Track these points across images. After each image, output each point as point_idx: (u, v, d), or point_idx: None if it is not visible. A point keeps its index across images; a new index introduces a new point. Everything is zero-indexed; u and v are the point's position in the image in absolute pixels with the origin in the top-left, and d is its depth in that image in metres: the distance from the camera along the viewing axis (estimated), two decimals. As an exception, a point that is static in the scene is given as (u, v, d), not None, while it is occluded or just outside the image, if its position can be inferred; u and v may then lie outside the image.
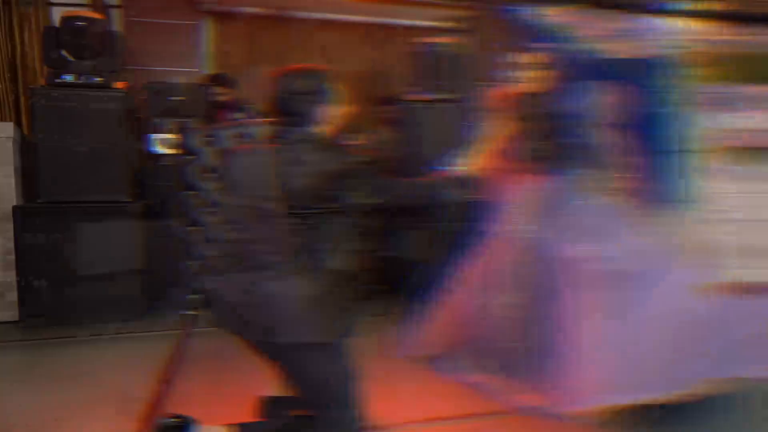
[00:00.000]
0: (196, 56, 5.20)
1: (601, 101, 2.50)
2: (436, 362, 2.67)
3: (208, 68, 5.41)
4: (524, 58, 2.66)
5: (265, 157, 1.86)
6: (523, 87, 2.67)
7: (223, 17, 5.42)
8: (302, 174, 1.79)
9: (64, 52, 3.69)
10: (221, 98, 4.69)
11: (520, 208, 2.61)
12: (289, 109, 1.85)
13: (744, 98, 3.92)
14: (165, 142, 3.80)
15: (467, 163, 2.31)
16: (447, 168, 2.27)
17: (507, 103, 2.67)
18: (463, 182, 2.24)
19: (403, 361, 2.65)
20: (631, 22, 5.57)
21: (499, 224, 2.65)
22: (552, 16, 5.22)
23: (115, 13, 4.96)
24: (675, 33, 5.81)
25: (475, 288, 2.65)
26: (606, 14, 5.44)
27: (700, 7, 4.52)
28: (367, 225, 1.98)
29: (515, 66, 2.72)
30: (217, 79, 4.79)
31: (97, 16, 3.81)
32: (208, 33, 5.42)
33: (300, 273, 1.82)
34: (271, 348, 1.87)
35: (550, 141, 2.56)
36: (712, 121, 4.00)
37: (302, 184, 1.78)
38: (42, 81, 3.86)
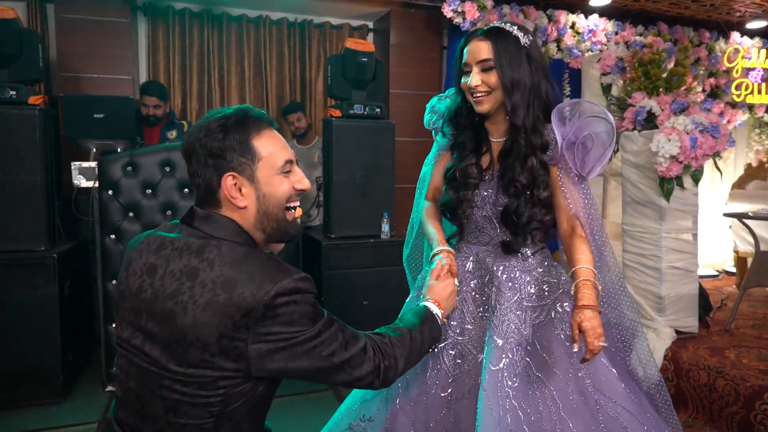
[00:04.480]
0: (130, 60, 4.31)
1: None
2: None
3: (142, 74, 4.59)
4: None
5: (170, 264, 1.12)
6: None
7: (156, 13, 4.57)
8: (205, 304, 1.06)
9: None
10: (152, 111, 3.90)
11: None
12: (200, 178, 1.17)
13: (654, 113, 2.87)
14: (85, 172, 3.00)
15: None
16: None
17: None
18: None
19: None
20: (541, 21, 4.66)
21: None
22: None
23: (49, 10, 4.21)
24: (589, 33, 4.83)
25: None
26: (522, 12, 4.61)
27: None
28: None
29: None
30: (147, 89, 3.98)
31: (9, 12, 3.06)
32: (145, 32, 4.58)
33: None
34: None
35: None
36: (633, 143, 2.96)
37: (205, 319, 1.05)
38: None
